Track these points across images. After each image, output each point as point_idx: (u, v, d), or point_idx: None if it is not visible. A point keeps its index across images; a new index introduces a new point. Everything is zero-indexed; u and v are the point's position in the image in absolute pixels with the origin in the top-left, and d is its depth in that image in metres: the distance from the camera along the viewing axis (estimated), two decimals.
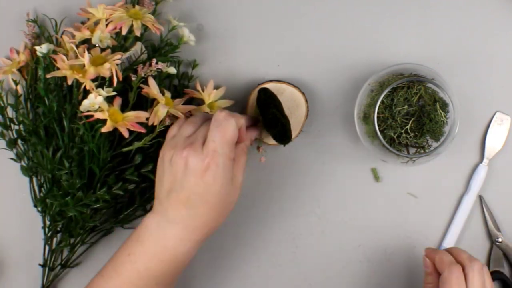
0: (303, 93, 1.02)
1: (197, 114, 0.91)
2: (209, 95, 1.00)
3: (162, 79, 0.99)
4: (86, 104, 0.90)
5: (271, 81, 1.02)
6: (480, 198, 1.04)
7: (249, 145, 0.93)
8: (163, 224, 0.87)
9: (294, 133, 1.01)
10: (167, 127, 0.94)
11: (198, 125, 0.89)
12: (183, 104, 0.98)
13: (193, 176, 0.84)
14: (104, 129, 0.90)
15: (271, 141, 1.01)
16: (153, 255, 0.87)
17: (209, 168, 0.84)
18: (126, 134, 0.91)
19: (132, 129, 0.92)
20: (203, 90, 1.00)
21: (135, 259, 0.88)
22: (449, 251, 0.93)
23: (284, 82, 1.02)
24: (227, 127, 0.85)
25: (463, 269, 0.89)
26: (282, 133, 0.97)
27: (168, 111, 0.94)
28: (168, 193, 0.86)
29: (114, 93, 0.92)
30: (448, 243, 1.03)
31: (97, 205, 0.96)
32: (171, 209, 0.86)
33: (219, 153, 0.84)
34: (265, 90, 0.99)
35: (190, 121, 0.90)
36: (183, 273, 1.02)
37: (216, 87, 1.01)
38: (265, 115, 0.98)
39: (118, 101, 0.93)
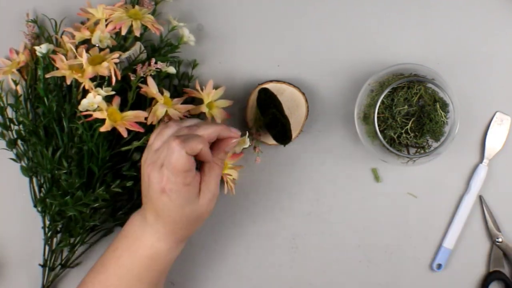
0: (303, 93, 1.02)
1: (168, 125, 0.90)
2: (208, 94, 1.00)
3: (162, 79, 0.99)
4: (85, 103, 0.90)
5: (271, 81, 1.02)
6: (480, 198, 1.04)
7: (224, 157, 0.92)
8: (143, 223, 0.90)
9: (294, 133, 1.01)
10: None
11: (166, 138, 0.88)
12: (182, 103, 0.98)
13: (154, 193, 0.87)
14: (102, 129, 0.90)
15: (271, 141, 1.01)
16: (136, 251, 0.90)
17: (164, 192, 0.86)
18: (124, 134, 0.91)
19: (130, 128, 0.92)
20: (202, 90, 1.00)
21: (120, 254, 0.90)
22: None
23: (284, 82, 1.02)
24: (176, 159, 0.85)
25: None
26: (282, 133, 0.97)
27: (166, 111, 0.94)
28: (144, 197, 0.90)
29: (113, 92, 0.92)
30: (448, 243, 1.03)
31: (97, 204, 0.96)
32: (147, 211, 0.89)
33: (171, 181, 0.85)
34: (265, 90, 0.99)
35: (161, 133, 0.89)
36: (182, 273, 1.03)
37: (216, 87, 1.01)
38: (265, 115, 0.98)
39: (117, 101, 0.93)
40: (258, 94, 0.99)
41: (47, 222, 1.01)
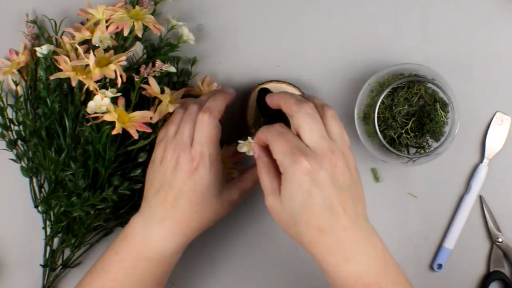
0: (302, 93, 1.02)
1: (176, 112, 0.92)
2: (209, 91, 1.01)
3: (162, 77, 0.99)
4: (92, 106, 0.89)
5: (271, 81, 1.02)
6: (480, 198, 1.04)
7: (251, 187, 0.94)
8: (149, 223, 0.88)
9: None
10: None
11: (179, 122, 0.90)
12: (183, 98, 0.99)
13: (181, 174, 0.86)
14: (114, 132, 0.89)
15: None
16: (139, 253, 0.88)
17: (197, 169, 0.86)
18: (135, 135, 0.91)
19: (139, 129, 0.91)
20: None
21: (122, 258, 0.89)
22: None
23: (284, 82, 1.02)
24: (210, 129, 0.87)
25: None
26: None
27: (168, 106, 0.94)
28: (157, 191, 0.88)
29: (119, 94, 0.92)
30: (448, 243, 1.03)
31: (104, 205, 0.96)
32: (158, 207, 0.88)
33: (206, 155, 0.86)
34: (265, 90, 0.99)
35: (172, 121, 0.91)
36: (182, 273, 1.02)
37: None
38: (265, 115, 0.98)
39: (122, 102, 0.93)
40: (258, 94, 0.99)
41: (48, 223, 1.01)
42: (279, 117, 0.97)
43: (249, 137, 0.90)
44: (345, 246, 0.79)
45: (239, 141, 0.91)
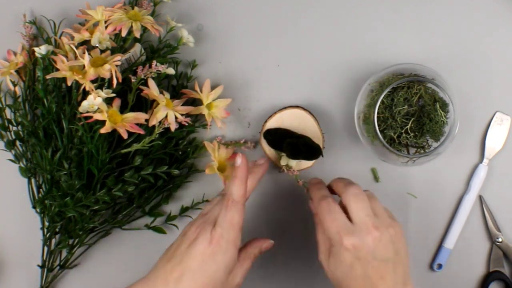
0: (297, 106, 1.02)
1: (219, 193, 0.93)
2: (207, 95, 1.00)
3: (161, 80, 0.99)
4: (85, 105, 0.90)
5: (270, 116, 1.02)
6: (480, 198, 1.04)
7: (257, 255, 0.94)
8: None
9: (319, 142, 1.01)
10: (167, 129, 0.94)
11: (214, 204, 0.91)
12: (183, 105, 0.98)
13: (195, 252, 0.86)
14: (103, 130, 0.90)
15: (306, 164, 1.01)
16: None
17: (212, 250, 0.86)
18: (125, 135, 0.91)
19: (131, 130, 0.91)
20: (201, 91, 1.00)
21: None
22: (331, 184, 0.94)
23: (281, 109, 1.02)
24: (232, 213, 0.88)
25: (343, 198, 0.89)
26: (310, 151, 0.98)
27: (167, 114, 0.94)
28: (167, 262, 0.87)
29: (114, 94, 0.92)
30: (448, 243, 1.03)
31: (97, 207, 0.96)
32: (161, 279, 0.86)
33: (224, 239, 0.86)
34: (268, 132, 1.00)
35: (210, 201, 0.92)
36: None
37: (215, 86, 1.01)
38: (285, 150, 0.98)
39: (117, 103, 0.93)
40: (265, 139, 1.00)
41: (46, 223, 1.01)
42: (296, 143, 0.98)
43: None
44: None
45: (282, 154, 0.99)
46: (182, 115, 0.95)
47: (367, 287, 0.85)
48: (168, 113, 0.94)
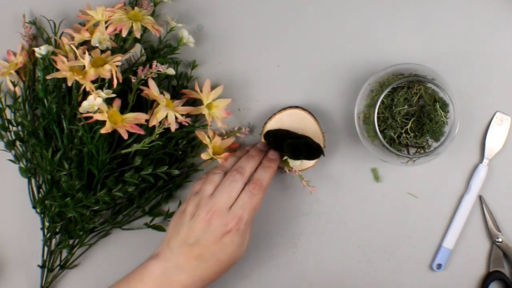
0: (296, 106, 1.02)
1: (216, 171, 0.96)
2: (208, 96, 1.00)
3: (161, 80, 0.99)
4: (85, 105, 0.90)
5: (269, 118, 1.01)
6: (480, 198, 1.04)
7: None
8: (170, 270, 0.91)
9: (319, 142, 1.01)
10: (167, 129, 0.94)
11: (217, 183, 0.95)
12: (183, 105, 0.98)
13: (212, 236, 0.91)
14: (103, 130, 0.90)
15: (308, 164, 1.01)
16: None
17: (230, 232, 0.91)
18: (125, 136, 0.91)
19: (131, 130, 0.91)
20: (201, 91, 1.00)
21: None
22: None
23: (280, 111, 1.02)
24: (258, 200, 0.93)
25: None
26: (311, 151, 0.98)
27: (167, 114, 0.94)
28: (182, 243, 0.92)
29: (114, 95, 0.92)
30: (448, 243, 1.03)
31: (97, 207, 0.96)
32: (182, 257, 0.91)
33: (243, 221, 0.92)
34: (268, 133, 1.00)
35: (211, 180, 0.95)
36: None
37: (215, 86, 1.01)
38: (286, 151, 0.98)
39: (117, 103, 0.93)
40: (266, 142, 1.00)
41: (46, 223, 1.01)
42: (296, 143, 0.98)
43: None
44: None
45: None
46: (182, 115, 0.95)
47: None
48: (168, 113, 0.94)
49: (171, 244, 0.92)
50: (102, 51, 0.95)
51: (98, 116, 0.90)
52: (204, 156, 0.99)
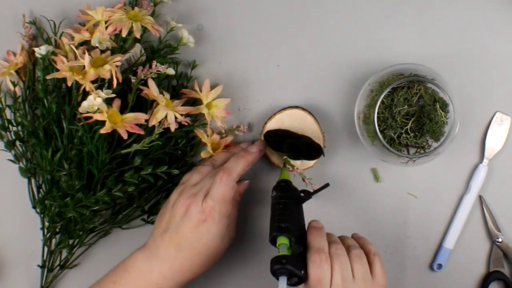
0: (296, 106, 1.02)
1: (205, 164, 0.98)
2: (207, 95, 1.00)
3: (161, 80, 0.99)
4: (85, 105, 0.90)
5: (269, 118, 1.01)
6: (480, 198, 1.04)
7: (239, 199, 0.98)
8: (151, 259, 0.92)
9: (319, 142, 1.01)
10: (166, 129, 0.94)
11: (204, 174, 0.96)
12: (183, 105, 0.98)
13: (189, 222, 0.92)
14: (103, 130, 0.90)
15: (308, 164, 1.01)
16: (138, 286, 0.92)
17: (205, 221, 0.92)
18: (124, 136, 0.91)
19: (131, 130, 0.91)
20: (201, 91, 1.00)
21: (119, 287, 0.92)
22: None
23: (280, 111, 1.02)
24: (225, 189, 0.93)
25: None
26: (311, 150, 0.98)
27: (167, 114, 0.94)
28: (163, 232, 0.93)
29: (113, 95, 0.92)
30: (448, 243, 1.03)
31: (97, 207, 0.96)
32: (162, 247, 0.92)
33: (216, 211, 0.92)
34: (269, 133, 1.00)
35: (198, 171, 0.97)
36: None
37: (214, 86, 1.01)
38: (286, 151, 0.98)
39: (117, 103, 0.93)
40: (266, 142, 1.00)
41: (46, 223, 1.01)
42: (296, 143, 0.98)
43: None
44: None
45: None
46: (181, 115, 0.95)
47: None
48: (168, 113, 0.94)
49: (154, 233, 0.94)
50: (102, 51, 0.95)
51: (98, 116, 0.90)
52: (203, 154, 1.00)
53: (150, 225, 1.03)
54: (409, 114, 0.97)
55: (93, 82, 0.92)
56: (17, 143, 1.02)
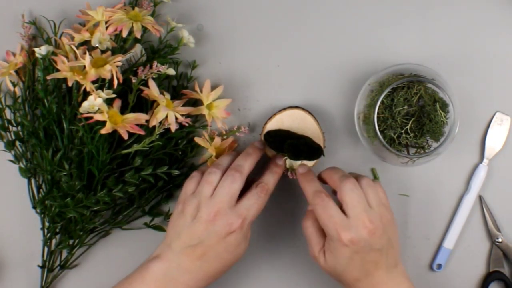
0: (296, 106, 1.02)
1: (211, 170, 0.94)
2: (208, 96, 1.00)
3: (161, 80, 0.99)
4: (85, 105, 0.90)
5: (269, 118, 1.01)
6: (480, 198, 1.04)
7: None
8: (173, 271, 0.91)
9: (319, 142, 1.01)
10: (167, 130, 0.94)
11: (215, 184, 0.93)
12: (183, 105, 0.98)
13: (216, 235, 0.91)
14: (103, 131, 0.90)
15: (308, 164, 1.01)
16: None
17: (235, 231, 0.91)
18: (125, 136, 0.91)
19: (131, 131, 0.91)
20: (201, 91, 1.00)
21: None
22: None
23: (280, 111, 1.01)
24: (263, 202, 0.94)
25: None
26: (311, 151, 0.98)
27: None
28: (185, 244, 0.92)
29: (114, 95, 0.92)
30: (448, 243, 1.03)
31: (97, 207, 0.96)
32: (187, 260, 0.92)
33: (247, 221, 0.92)
34: (269, 134, 1.00)
35: (208, 181, 0.93)
36: None
37: (215, 87, 1.01)
38: (286, 151, 0.98)
39: (117, 103, 0.93)
40: (266, 142, 1.00)
41: (46, 224, 1.01)
42: (297, 144, 0.98)
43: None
44: None
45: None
46: (182, 115, 0.95)
47: (364, 273, 0.91)
48: (168, 113, 0.94)
49: (172, 246, 0.92)
50: (103, 51, 0.95)
51: (98, 117, 0.90)
52: (210, 162, 0.99)
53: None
54: (409, 114, 0.98)
55: (93, 82, 0.92)
56: (17, 143, 1.02)
